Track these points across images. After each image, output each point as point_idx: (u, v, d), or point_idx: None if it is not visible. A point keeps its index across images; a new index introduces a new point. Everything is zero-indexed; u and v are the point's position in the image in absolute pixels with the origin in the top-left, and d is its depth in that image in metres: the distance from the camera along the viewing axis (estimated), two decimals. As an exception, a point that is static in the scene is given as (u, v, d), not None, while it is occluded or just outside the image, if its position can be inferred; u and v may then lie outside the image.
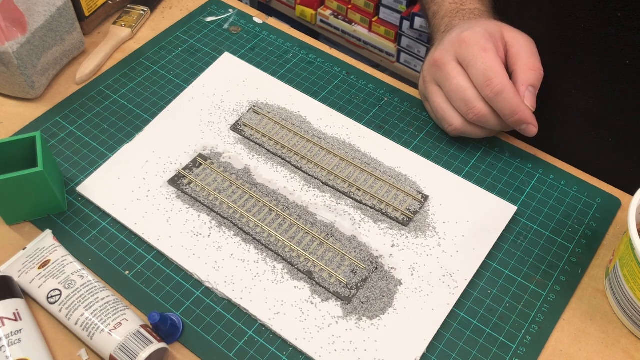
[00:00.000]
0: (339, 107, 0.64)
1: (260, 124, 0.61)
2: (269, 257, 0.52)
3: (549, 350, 0.48)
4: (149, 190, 0.56)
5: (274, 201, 0.55)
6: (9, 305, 0.46)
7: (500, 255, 0.53)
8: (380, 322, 0.48)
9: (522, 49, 0.55)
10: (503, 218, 0.55)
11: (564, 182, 0.58)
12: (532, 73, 0.54)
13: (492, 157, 0.60)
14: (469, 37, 0.54)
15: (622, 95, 0.57)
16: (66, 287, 0.48)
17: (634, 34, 0.53)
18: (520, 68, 0.54)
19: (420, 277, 0.51)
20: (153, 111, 0.63)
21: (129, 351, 0.44)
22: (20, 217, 0.54)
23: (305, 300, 0.49)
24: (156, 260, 0.52)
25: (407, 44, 1.63)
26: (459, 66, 0.55)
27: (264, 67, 0.68)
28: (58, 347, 0.47)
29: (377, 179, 0.57)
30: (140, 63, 0.68)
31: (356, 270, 0.51)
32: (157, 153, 0.59)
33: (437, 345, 0.48)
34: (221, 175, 0.57)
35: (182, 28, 0.72)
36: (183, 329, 0.48)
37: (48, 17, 0.62)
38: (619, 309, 0.49)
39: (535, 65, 0.55)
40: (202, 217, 0.54)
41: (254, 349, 0.47)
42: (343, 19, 1.76)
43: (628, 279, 0.46)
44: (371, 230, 0.54)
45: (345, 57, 0.70)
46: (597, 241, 0.54)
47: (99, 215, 0.55)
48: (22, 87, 0.62)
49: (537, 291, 0.51)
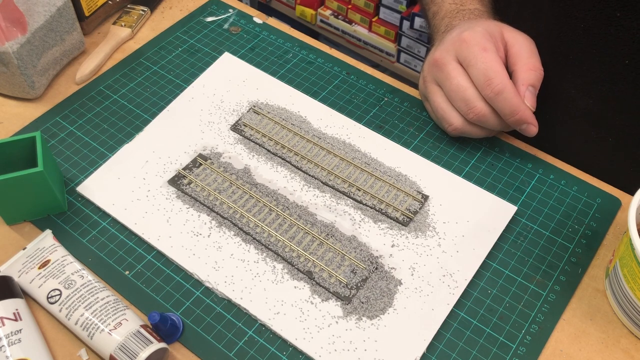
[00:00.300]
0: (339, 107, 0.64)
1: (260, 124, 0.61)
2: (269, 257, 0.52)
3: (549, 350, 0.48)
4: (149, 190, 0.56)
5: (274, 201, 0.55)
6: (9, 305, 0.46)
7: (500, 255, 0.53)
8: (380, 322, 0.48)
9: (522, 49, 0.55)
10: (503, 218, 0.55)
11: (564, 182, 0.58)
12: (532, 73, 0.54)
13: (492, 157, 0.60)
14: (469, 36, 0.54)
15: (621, 95, 0.57)
16: (66, 287, 0.48)
17: (633, 34, 0.53)
18: (520, 68, 0.54)
19: (420, 277, 0.51)
20: (153, 111, 0.63)
21: (129, 351, 0.44)
22: (20, 217, 0.54)
23: (305, 300, 0.49)
24: (156, 260, 0.52)
25: (407, 44, 1.63)
26: (459, 66, 0.55)
27: (264, 67, 0.68)
28: (58, 347, 0.47)
29: (377, 179, 0.57)
30: (140, 63, 0.68)
31: (356, 270, 0.51)
32: (157, 153, 0.59)
33: (437, 345, 0.48)
34: (221, 175, 0.57)
35: (182, 28, 0.72)
36: (183, 329, 0.48)
37: (48, 17, 0.62)
38: (619, 308, 0.49)
39: (535, 65, 0.55)
40: (202, 217, 0.54)
41: (254, 349, 0.47)
42: (343, 19, 1.76)
43: (628, 279, 0.46)
44: (371, 230, 0.54)
45: (345, 57, 0.70)
46: (597, 241, 0.54)
47: (99, 215, 0.55)
48: (22, 87, 0.62)
49: (537, 291, 0.51)
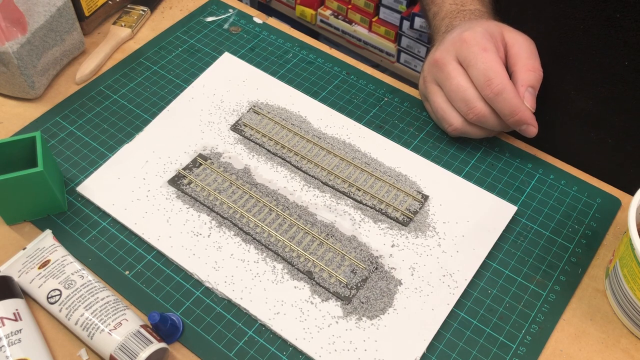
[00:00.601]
0: (339, 107, 0.64)
1: (260, 124, 0.61)
2: (269, 257, 0.52)
3: (549, 350, 0.48)
4: (149, 190, 0.56)
5: (274, 201, 0.55)
6: (9, 305, 0.46)
7: (500, 255, 0.53)
8: (380, 322, 0.48)
9: (522, 49, 0.55)
10: (503, 218, 0.55)
11: (564, 182, 0.58)
12: (531, 74, 0.54)
13: (492, 157, 0.60)
14: (469, 37, 0.54)
15: (621, 96, 0.57)
16: (66, 287, 0.48)
17: (632, 35, 0.53)
18: (520, 69, 0.54)
19: (420, 277, 0.51)
20: (153, 111, 0.63)
21: (129, 351, 0.44)
22: (20, 217, 0.54)
23: (305, 300, 0.49)
24: (156, 260, 0.52)
25: (407, 44, 1.63)
26: (459, 66, 0.55)
27: (264, 67, 0.68)
28: (58, 347, 0.47)
29: (377, 179, 0.57)
30: (140, 63, 0.68)
31: (356, 270, 0.51)
32: (157, 153, 0.59)
33: (437, 345, 0.48)
34: (221, 175, 0.57)
35: (182, 28, 0.72)
36: (183, 329, 0.48)
37: (48, 17, 0.62)
38: (619, 308, 0.49)
39: (535, 66, 0.55)
40: (202, 217, 0.54)
41: (254, 349, 0.47)
42: (343, 19, 1.76)
43: (628, 279, 0.46)
44: (371, 230, 0.54)
45: (345, 57, 0.70)
46: (597, 241, 0.54)
47: (99, 215, 0.55)
48: (22, 87, 0.62)
49: (537, 291, 0.51)
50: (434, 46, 0.61)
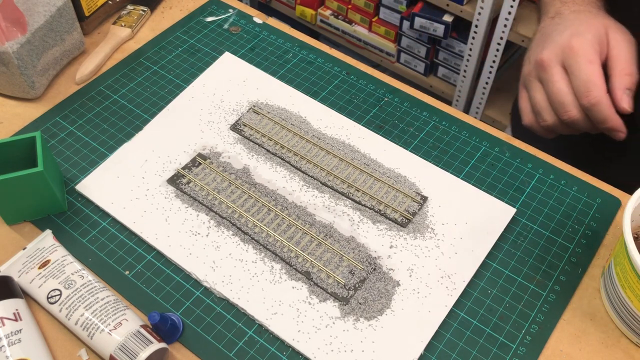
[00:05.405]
0: (339, 107, 0.64)
1: (260, 124, 0.61)
2: (267, 257, 0.52)
3: (549, 350, 0.48)
4: (148, 189, 0.56)
5: (273, 201, 0.55)
6: (9, 305, 0.46)
7: (500, 255, 0.53)
8: (377, 323, 0.48)
9: (622, 52, 0.56)
10: (502, 220, 0.55)
11: (564, 182, 0.58)
12: (627, 78, 0.56)
13: (492, 157, 0.60)
14: (577, 45, 0.55)
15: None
16: (66, 287, 0.48)
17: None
18: (618, 72, 0.56)
19: (419, 279, 0.51)
20: (153, 111, 0.63)
21: (129, 351, 0.44)
22: (20, 217, 0.54)
23: (303, 301, 0.49)
24: (156, 260, 0.52)
25: (407, 44, 1.63)
26: (562, 71, 0.56)
27: (264, 67, 0.68)
28: (58, 347, 0.47)
29: (376, 179, 0.57)
30: (140, 63, 0.68)
31: (354, 271, 0.51)
32: (157, 152, 0.59)
33: (437, 345, 0.48)
34: (220, 175, 0.57)
35: (182, 28, 0.72)
36: (183, 329, 0.48)
37: (48, 17, 0.62)
38: (611, 307, 0.49)
39: (632, 70, 0.56)
40: (200, 216, 0.54)
41: (254, 349, 0.47)
42: (343, 19, 1.75)
43: (620, 277, 0.47)
44: (370, 231, 0.54)
45: (345, 57, 0.70)
46: (597, 241, 0.54)
47: (99, 215, 0.55)
48: (22, 87, 0.62)
49: (537, 291, 0.51)
50: (539, 33, 0.61)
